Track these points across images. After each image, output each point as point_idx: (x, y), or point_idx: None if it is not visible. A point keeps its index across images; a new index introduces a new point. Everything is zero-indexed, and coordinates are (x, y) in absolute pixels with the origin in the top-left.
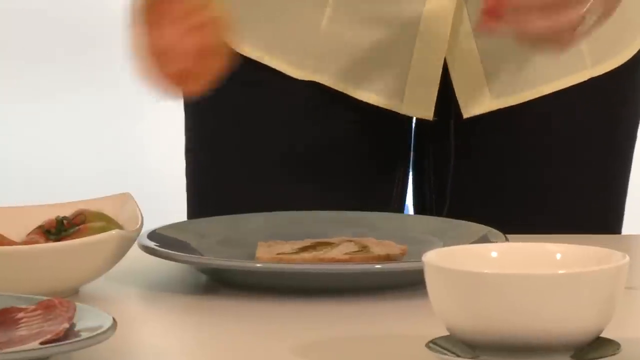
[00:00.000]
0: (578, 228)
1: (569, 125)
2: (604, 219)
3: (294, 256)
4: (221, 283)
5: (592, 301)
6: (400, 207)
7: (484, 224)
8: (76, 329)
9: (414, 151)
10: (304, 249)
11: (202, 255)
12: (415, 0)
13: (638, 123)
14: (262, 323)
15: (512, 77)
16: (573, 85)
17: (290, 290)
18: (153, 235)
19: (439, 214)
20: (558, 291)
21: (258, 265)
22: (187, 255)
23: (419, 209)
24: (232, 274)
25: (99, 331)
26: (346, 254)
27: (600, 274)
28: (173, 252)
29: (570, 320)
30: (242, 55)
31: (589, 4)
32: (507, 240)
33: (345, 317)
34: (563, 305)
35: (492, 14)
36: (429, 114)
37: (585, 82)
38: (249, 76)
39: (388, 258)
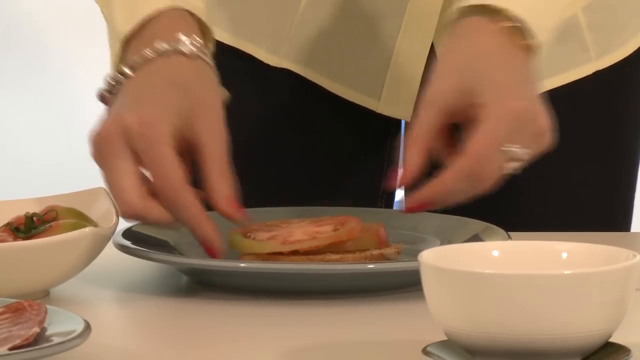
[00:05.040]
0: (584, 225)
1: (573, 120)
2: (611, 216)
3: (282, 256)
4: (202, 284)
5: (601, 303)
6: (389, 203)
7: (486, 222)
8: (47, 333)
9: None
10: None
11: (181, 254)
12: None
13: None
14: (246, 327)
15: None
16: (577, 79)
17: (277, 292)
18: (129, 232)
19: (434, 211)
20: (564, 292)
21: (242, 265)
22: (166, 254)
23: None
24: (214, 274)
25: (71, 336)
26: (336, 252)
27: (610, 274)
28: (150, 251)
29: (577, 324)
30: (216, 41)
31: (513, 163)
32: (508, 237)
33: (335, 320)
34: (569, 307)
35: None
36: (407, 115)
37: (589, 75)
38: (223, 62)
39: (382, 257)
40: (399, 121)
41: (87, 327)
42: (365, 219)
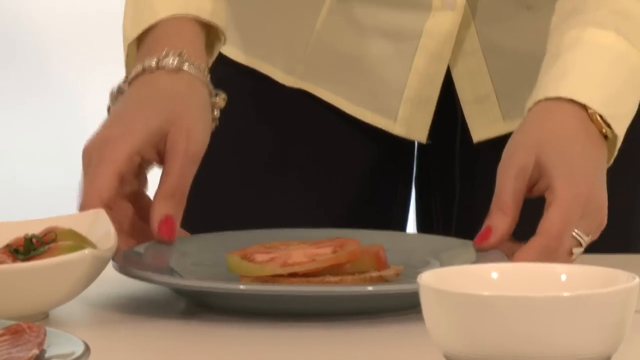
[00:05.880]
0: (591, 248)
1: None
2: (619, 238)
3: (281, 278)
4: (201, 306)
5: (600, 326)
6: (401, 228)
7: None
8: (46, 355)
9: (417, 169)
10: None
11: (181, 276)
12: (417, 14)
13: None
14: (245, 349)
15: (526, 95)
16: None
17: (276, 314)
18: (129, 255)
19: (446, 235)
20: (563, 315)
21: (241, 287)
22: (165, 276)
23: (424, 230)
24: (212, 296)
25: (70, 358)
26: (335, 274)
27: (608, 297)
28: (150, 273)
29: (576, 346)
30: (227, 59)
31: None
32: (507, 259)
33: (335, 342)
34: (568, 330)
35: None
36: (422, 137)
37: None
38: (238, 82)
39: (381, 279)
40: (414, 142)
41: (87, 350)
42: (365, 241)
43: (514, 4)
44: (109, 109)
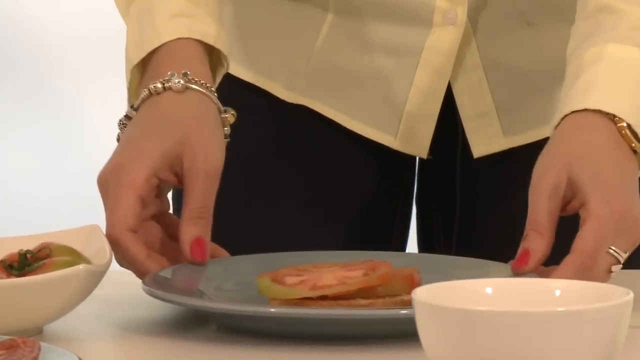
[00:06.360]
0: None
1: None
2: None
3: (311, 301)
4: (228, 329)
5: (594, 341)
6: (402, 244)
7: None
8: None
9: (418, 186)
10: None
11: (210, 298)
12: (418, 30)
13: None
14: None
15: (526, 112)
16: None
17: (305, 337)
18: (156, 278)
19: (447, 252)
20: (557, 330)
21: (272, 310)
22: (194, 299)
23: (425, 246)
24: (241, 319)
25: None
26: (366, 297)
27: (603, 312)
28: (178, 295)
29: None
30: (231, 77)
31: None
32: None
33: None
34: (562, 345)
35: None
36: (423, 152)
37: None
38: (239, 99)
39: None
40: (414, 159)
41: None
42: (399, 264)
43: (515, 20)
44: (118, 138)
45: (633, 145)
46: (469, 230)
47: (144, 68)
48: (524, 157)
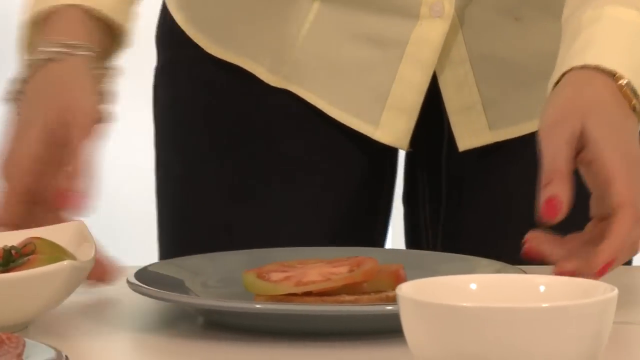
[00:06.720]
0: None
1: None
2: None
3: (296, 297)
4: (213, 324)
5: (578, 336)
6: (382, 236)
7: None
8: None
9: (405, 182)
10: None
11: (196, 295)
12: (405, 21)
13: None
14: None
15: (512, 107)
16: None
17: (289, 333)
18: (142, 273)
19: (433, 244)
20: (542, 326)
21: (257, 305)
22: (180, 295)
23: (412, 242)
24: (226, 315)
25: None
26: (351, 293)
27: (587, 307)
28: (165, 292)
29: (554, 357)
30: (215, 58)
31: None
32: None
33: None
34: (547, 340)
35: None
36: (403, 144)
37: None
38: (222, 81)
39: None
40: (397, 152)
41: None
42: (385, 260)
43: (503, 14)
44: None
45: (633, 102)
46: (454, 222)
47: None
48: (510, 149)
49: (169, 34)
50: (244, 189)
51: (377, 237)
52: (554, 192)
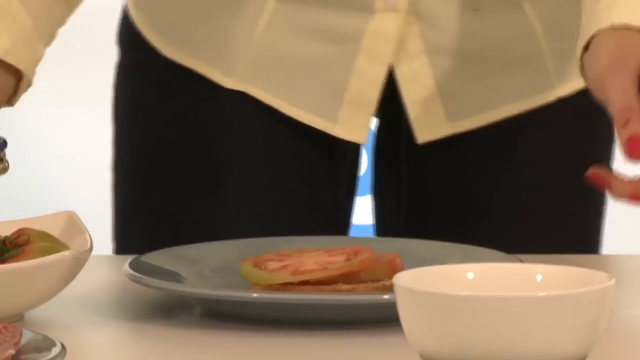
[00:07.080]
0: (549, 250)
1: (537, 146)
2: (578, 243)
3: (292, 286)
4: (210, 313)
5: (575, 326)
6: (344, 234)
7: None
8: (22, 356)
9: (372, 172)
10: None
11: (192, 284)
12: (359, 15)
13: (612, 142)
14: (254, 357)
15: (471, 98)
16: (540, 106)
17: (287, 322)
18: (137, 262)
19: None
20: (539, 315)
21: (254, 295)
22: (177, 284)
23: (379, 233)
24: (222, 304)
25: (46, 358)
26: (348, 282)
27: (584, 297)
28: (162, 281)
29: (551, 346)
30: (169, 61)
31: None
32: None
33: (345, 351)
34: (544, 330)
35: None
36: (362, 138)
37: (553, 102)
38: (177, 84)
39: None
40: (358, 146)
41: (63, 350)
42: (383, 249)
43: (460, 6)
44: None
45: None
46: (417, 214)
47: None
48: (470, 141)
49: (128, 34)
50: (198, 189)
51: (338, 229)
52: (635, 130)
